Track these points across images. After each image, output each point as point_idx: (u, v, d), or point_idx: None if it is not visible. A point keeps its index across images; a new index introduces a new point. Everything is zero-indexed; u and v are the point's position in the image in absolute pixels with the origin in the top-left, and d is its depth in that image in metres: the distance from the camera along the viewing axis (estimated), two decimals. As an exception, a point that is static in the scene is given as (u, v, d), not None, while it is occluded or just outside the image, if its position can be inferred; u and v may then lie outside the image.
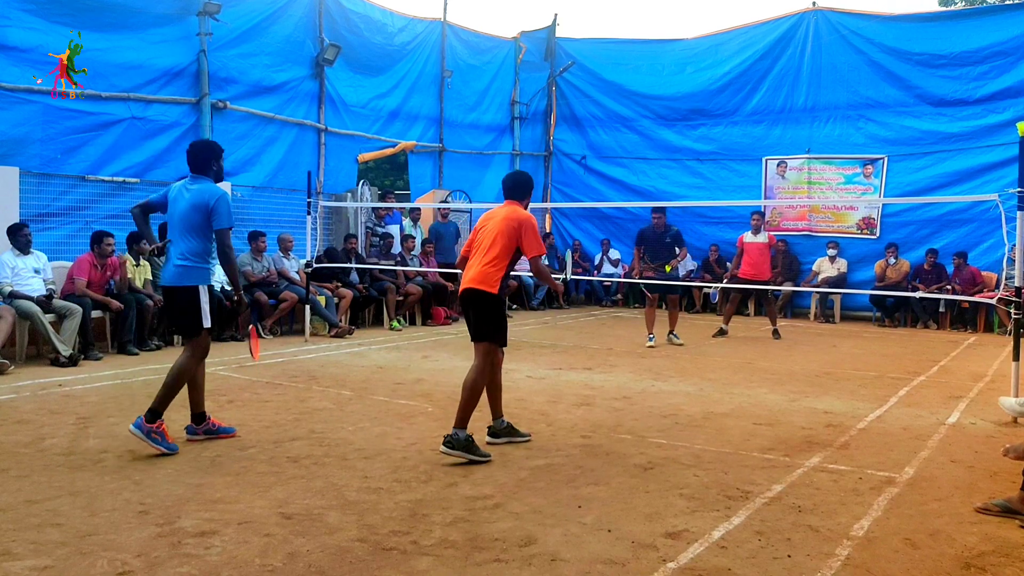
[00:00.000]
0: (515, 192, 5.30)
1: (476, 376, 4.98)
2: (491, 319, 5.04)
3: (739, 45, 15.50)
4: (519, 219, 5.09)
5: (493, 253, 5.02)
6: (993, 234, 12.66)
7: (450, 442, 4.77)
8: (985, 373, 8.45)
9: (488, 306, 5.03)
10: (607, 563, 3.35)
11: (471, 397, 4.92)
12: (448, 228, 13.86)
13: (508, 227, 5.05)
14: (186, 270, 5.01)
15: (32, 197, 9.38)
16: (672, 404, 6.59)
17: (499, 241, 5.03)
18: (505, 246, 5.02)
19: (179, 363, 5.01)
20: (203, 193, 5.03)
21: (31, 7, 9.28)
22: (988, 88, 13.42)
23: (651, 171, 16.31)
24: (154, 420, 4.81)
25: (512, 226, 5.05)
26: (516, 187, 5.32)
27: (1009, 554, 3.52)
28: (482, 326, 5.05)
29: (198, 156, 5.14)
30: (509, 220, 5.08)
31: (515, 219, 5.08)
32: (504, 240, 5.03)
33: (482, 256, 5.07)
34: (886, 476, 4.65)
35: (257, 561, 3.32)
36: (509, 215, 5.12)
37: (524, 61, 16.70)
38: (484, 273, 5.01)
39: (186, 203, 5.03)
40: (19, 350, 8.15)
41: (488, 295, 4.99)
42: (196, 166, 5.14)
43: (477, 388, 4.97)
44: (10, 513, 3.81)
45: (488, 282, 4.99)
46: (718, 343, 10.66)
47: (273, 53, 12.07)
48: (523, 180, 5.38)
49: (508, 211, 5.16)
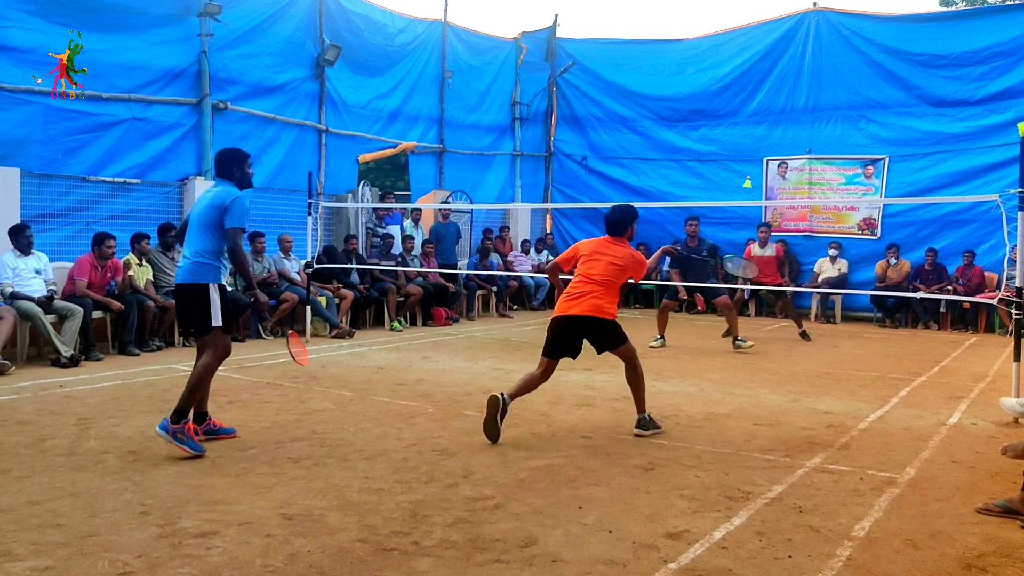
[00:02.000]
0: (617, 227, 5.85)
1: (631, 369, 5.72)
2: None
3: (740, 45, 15.50)
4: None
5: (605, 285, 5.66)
6: (994, 235, 12.65)
7: (642, 424, 5.57)
8: (986, 373, 8.45)
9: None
10: (608, 564, 3.35)
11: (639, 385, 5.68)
12: (449, 229, 13.86)
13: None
14: (199, 266, 5.02)
15: (33, 198, 9.38)
16: (673, 404, 6.59)
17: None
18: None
19: (203, 363, 5.01)
20: (221, 194, 5.09)
21: (31, 8, 9.29)
22: (989, 88, 13.41)
23: (652, 172, 16.31)
24: (179, 421, 4.78)
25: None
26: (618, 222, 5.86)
27: (1010, 555, 3.52)
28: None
29: (222, 162, 5.26)
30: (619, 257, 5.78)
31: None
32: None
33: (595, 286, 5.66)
34: (887, 477, 4.65)
35: (258, 562, 3.32)
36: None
37: (525, 62, 16.69)
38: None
39: (206, 202, 5.11)
40: (20, 351, 8.16)
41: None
42: (220, 171, 5.25)
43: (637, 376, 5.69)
44: (11, 514, 3.81)
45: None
46: (718, 343, 10.64)
47: (274, 54, 12.07)
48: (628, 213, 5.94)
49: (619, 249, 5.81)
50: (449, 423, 5.83)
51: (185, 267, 5.07)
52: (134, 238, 9.41)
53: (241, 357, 8.70)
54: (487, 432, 5.29)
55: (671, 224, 15.93)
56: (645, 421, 5.57)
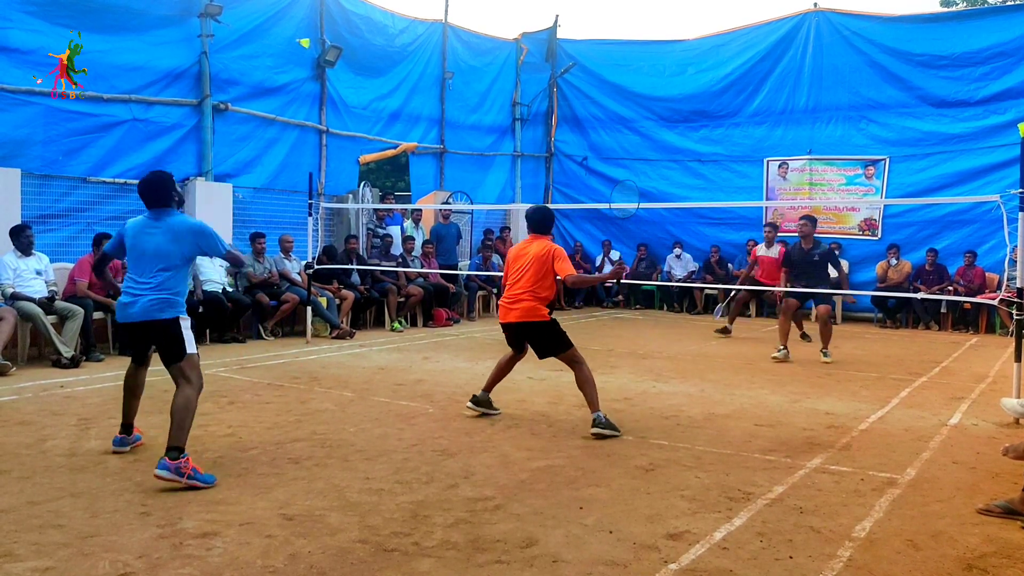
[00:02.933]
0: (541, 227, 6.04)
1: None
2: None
3: (740, 46, 15.50)
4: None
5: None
6: (995, 235, 12.65)
7: (599, 422, 5.50)
8: (987, 374, 8.44)
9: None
10: (608, 564, 3.35)
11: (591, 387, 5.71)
12: (449, 229, 13.86)
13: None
14: (164, 302, 4.63)
15: (34, 199, 9.39)
16: (673, 405, 6.58)
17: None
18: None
19: (185, 396, 4.56)
20: (181, 225, 4.72)
21: (32, 9, 9.30)
22: (990, 89, 13.42)
23: (652, 172, 16.31)
24: (178, 456, 4.33)
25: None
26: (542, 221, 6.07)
27: (1011, 555, 3.52)
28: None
29: (159, 189, 4.75)
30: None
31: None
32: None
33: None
34: (888, 477, 4.64)
35: (259, 562, 3.32)
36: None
37: (525, 62, 16.70)
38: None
39: (165, 236, 4.66)
40: (21, 351, 8.16)
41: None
42: (158, 199, 4.74)
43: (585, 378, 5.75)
44: (12, 514, 3.82)
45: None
46: (720, 344, 10.65)
47: (274, 55, 12.08)
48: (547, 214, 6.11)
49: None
50: (450, 424, 5.83)
51: (146, 302, 4.61)
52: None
53: (242, 358, 8.70)
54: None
55: (671, 225, 15.97)
56: (602, 420, 5.53)
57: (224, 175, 11.43)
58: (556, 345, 5.80)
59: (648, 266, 15.77)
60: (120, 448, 4.92)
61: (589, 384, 5.69)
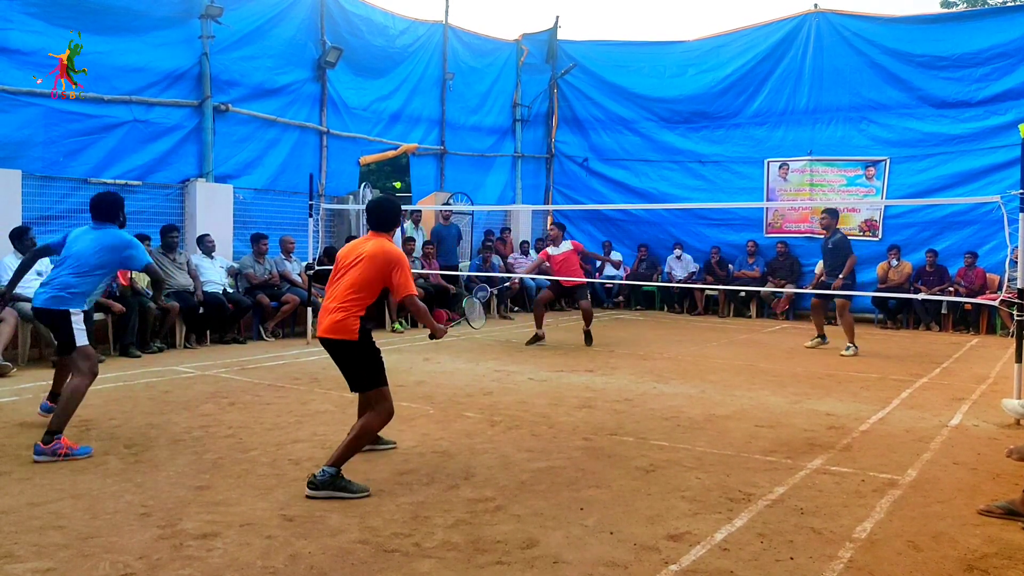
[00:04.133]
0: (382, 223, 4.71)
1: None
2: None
3: (741, 47, 15.50)
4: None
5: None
6: (995, 236, 12.64)
7: (323, 481, 4.14)
8: (988, 375, 8.44)
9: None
10: (609, 565, 3.35)
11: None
12: (450, 231, 13.87)
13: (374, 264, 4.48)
14: (65, 299, 5.17)
15: (34, 200, 9.39)
16: (674, 406, 6.58)
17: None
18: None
19: (75, 384, 5.10)
20: (114, 238, 5.32)
21: (33, 10, 9.31)
22: (990, 90, 13.41)
23: (653, 173, 16.31)
24: (51, 440, 4.81)
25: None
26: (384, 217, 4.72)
27: (1012, 556, 3.52)
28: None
29: (107, 210, 5.38)
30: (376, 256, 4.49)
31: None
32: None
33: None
34: (888, 478, 4.64)
35: (259, 563, 3.32)
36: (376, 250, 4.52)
37: (526, 63, 16.71)
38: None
39: (94, 243, 5.27)
40: (21, 353, 8.16)
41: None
42: (103, 216, 5.36)
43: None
44: (12, 515, 3.82)
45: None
46: (720, 345, 10.64)
47: (275, 56, 12.09)
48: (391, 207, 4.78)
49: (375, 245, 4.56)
50: (450, 425, 5.83)
51: (48, 294, 5.18)
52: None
53: (242, 359, 8.70)
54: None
55: (672, 226, 15.97)
56: (329, 478, 4.13)
57: (225, 176, 11.44)
58: (364, 376, 4.45)
59: (649, 267, 15.78)
60: (46, 413, 5.57)
61: (361, 435, 4.35)
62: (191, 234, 10.69)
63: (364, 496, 4.15)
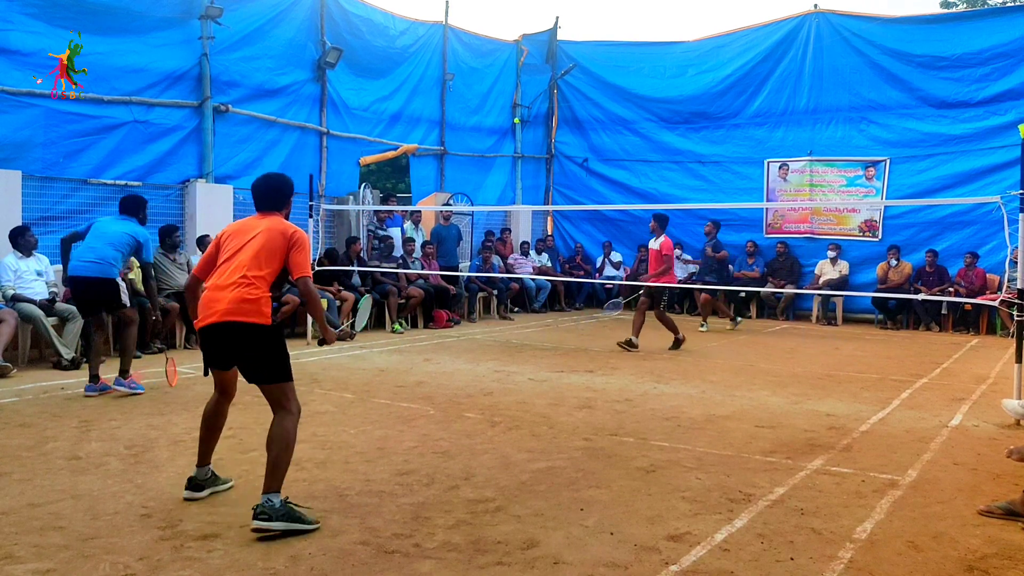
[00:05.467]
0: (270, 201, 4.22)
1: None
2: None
3: (741, 47, 15.50)
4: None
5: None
6: (995, 236, 12.63)
7: (268, 511, 3.59)
8: (988, 375, 8.44)
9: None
10: (609, 566, 3.35)
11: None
12: (450, 231, 13.86)
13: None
14: (107, 269, 6.61)
15: (34, 200, 9.39)
16: (674, 407, 6.58)
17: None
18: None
19: (130, 331, 6.95)
20: (136, 228, 6.78)
21: (33, 11, 9.31)
22: (990, 90, 13.40)
23: (653, 173, 16.30)
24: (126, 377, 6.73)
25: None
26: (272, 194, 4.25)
27: (1012, 557, 3.52)
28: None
29: (132, 203, 6.89)
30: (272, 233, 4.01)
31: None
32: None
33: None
34: (889, 479, 4.64)
35: (259, 564, 3.32)
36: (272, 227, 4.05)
37: (526, 64, 16.70)
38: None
39: (120, 227, 6.72)
40: (22, 353, 8.16)
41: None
42: (128, 209, 6.84)
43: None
44: (12, 516, 3.82)
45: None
46: (720, 345, 10.64)
47: (275, 56, 12.09)
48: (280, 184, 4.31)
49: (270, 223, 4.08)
50: (450, 425, 5.83)
51: (95, 267, 6.58)
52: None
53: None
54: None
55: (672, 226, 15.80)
56: (274, 506, 3.59)
57: (225, 177, 11.44)
58: (271, 366, 3.91)
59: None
60: (91, 393, 6.59)
61: (283, 444, 3.83)
62: (191, 234, 10.69)
63: (316, 529, 3.67)
